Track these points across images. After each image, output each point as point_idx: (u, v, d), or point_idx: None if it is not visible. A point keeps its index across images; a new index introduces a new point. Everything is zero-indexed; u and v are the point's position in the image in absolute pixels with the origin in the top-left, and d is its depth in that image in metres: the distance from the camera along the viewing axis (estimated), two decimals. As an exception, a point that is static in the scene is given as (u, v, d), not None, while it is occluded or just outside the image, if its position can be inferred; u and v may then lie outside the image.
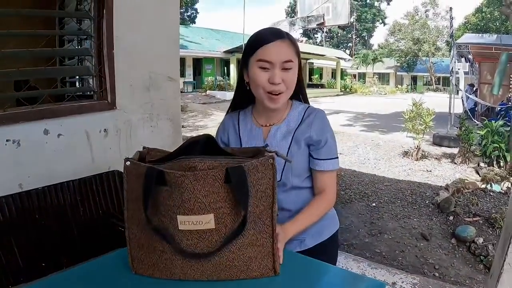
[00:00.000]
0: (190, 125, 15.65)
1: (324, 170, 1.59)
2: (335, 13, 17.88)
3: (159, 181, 1.10)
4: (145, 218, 1.12)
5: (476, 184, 6.90)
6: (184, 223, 1.10)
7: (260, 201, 1.13)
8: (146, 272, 1.20)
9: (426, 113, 9.89)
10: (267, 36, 1.51)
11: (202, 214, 1.09)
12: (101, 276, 1.21)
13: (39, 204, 1.79)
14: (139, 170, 1.12)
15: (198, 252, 1.13)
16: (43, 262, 1.77)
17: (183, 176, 1.07)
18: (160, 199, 1.12)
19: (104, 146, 2.05)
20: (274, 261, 1.17)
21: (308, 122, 1.60)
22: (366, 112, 21.51)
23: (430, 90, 43.65)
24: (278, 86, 1.49)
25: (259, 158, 1.12)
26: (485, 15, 34.70)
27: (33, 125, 1.78)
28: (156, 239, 1.15)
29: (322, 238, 1.72)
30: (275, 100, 1.52)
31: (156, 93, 2.26)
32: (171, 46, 2.36)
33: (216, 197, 1.09)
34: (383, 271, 3.83)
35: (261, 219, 1.15)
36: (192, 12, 49.22)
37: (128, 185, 1.17)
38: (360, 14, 60.69)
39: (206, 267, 1.14)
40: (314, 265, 1.31)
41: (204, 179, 1.08)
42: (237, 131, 1.70)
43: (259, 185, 1.12)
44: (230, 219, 1.11)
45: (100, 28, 2.03)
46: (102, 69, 2.05)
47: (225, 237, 1.12)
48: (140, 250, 1.19)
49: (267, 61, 1.48)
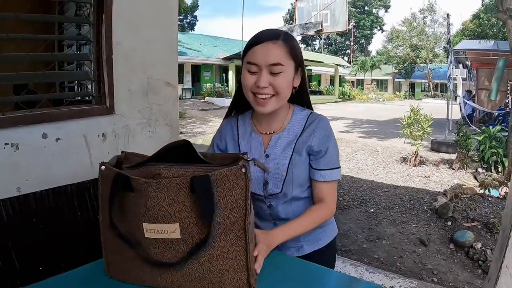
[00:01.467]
0: (188, 131, 15.66)
1: (322, 180, 1.53)
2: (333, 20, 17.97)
3: (126, 187, 1.07)
4: (109, 223, 1.11)
5: (474, 190, 6.92)
6: (149, 231, 1.08)
7: (231, 212, 1.08)
8: (120, 277, 1.19)
9: (424, 119, 9.90)
10: (259, 37, 1.46)
11: (167, 223, 1.06)
12: (99, 280, 1.21)
13: (37, 208, 1.79)
14: (111, 174, 1.10)
15: (166, 261, 1.11)
16: (40, 265, 1.77)
17: (146, 183, 1.05)
18: (127, 205, 1.10)
19: (102, 151, 2.05)
20: (249, 274, 1.12)
21: (310, 131, 1.54)
22: (364, 118, 21.55)
23: (428, 97, 43.75)
24: (264, 89, 1.43)
25: (230, 167, 1.07)
26: (482, 21, 34.75)
27: (31, 128, 1.78)
28: (125, 246, 1.13)
29: (319, 245, 1.69)
30: (262, 104, 1.46)
31: (155, 99, 2.26)
32: (169, 51, 2.37)
33: (182, 207, 1.06)
34: (380, 275, 3.83)
35: (232, 230, 1.10)
36: (192, 19, 49.32)
37: (102, 189, 1.14)
38: (358, 21, 60.90)
39: (176, 276, 1.12)
40: (310, 268, 1.31)
41: (167, 188, 1.05)
42: (235, 138, 1.65)
43: (230, 196, 1.07)
44: (197, 230, 1.08)
45: (99, 33, 2.04)
46: (101, 74, 2.05)
47: (192, 248, 1.08)
48: (114, 255, 1.18)
49: (253, 63, 1.43)
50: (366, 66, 48.27)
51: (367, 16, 62.11)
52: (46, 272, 1.75)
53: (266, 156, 1.57)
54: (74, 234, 1.90)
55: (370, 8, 62.54)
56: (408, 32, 44.42)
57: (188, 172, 1.08)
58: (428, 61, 43.45)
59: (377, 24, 63.19)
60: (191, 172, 1.08)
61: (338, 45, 67.00)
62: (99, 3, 2.02)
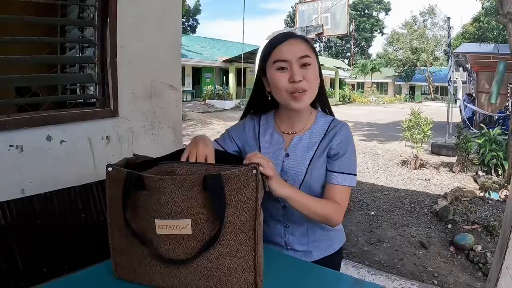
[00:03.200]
0: (189, 133, 15.66)
1: (335, 183, 1.50)
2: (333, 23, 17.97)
3: (139, 185, 1.10)
4: (124, 222, 1.13)
5: (474, 193, 6.92)
6: (161, 227, 1.10)
7: (241, 212, 1.10)
8: (128, 278, 1.20)
9: (424, 122, 9.90)
10: (278, 38, 1.50)
11: (179, 219, 1.09)
12: (102, 282, 1.22)
13: (41, 210, 1.79)
14: (120, 175, 1.12)
15: (176, 258, 1.12)
16: (44, 267, 1.77)
17: (161, 180, 1.08)
18: (139, 204, 1.12)
19: (106, 153, 2.06)
20: (256, 275, 1.14)
21: (331, 134, 1.54)
22: (365, 121, 21.54)
23: (428, 100, 43.78)
24: (299, 84, 1.44)
25: (241, 167, 1.09)
26: (482, 24, 34.85)
27: (36, 131, 1.79)
28: (135, 243, 1.15)
29: (328, 252, 1.68)
30: (299, 99, 1.46)
31: (158, 102, 2.27)
32: (173, 54, 2.38)
33: (194, 203, 1.08)
34: (382, 277, 3.84)
35: (242, 230, 1.11)
36: (193, 22, 49.35)
37: (110, 191, 1.17)
38: (359, 24, 61.04)
39: (184, 274, 1.14)
40: (316, 270, 1.33)
41: (182, 184, 1.07)
42: (256, 135, 1.65)
43: (240, 195, 1.09)
44: (208, 226, 1.10)
45: (104, 37, 2.05)
46: (105, 77, 2.06)
47: (202, 244, 1.10)
48: (122, 255, 1.20)
49: (283, 60, 1.45)
50: (367, 69, 48.32)
51: (367, 19, 62.25)
52: (50, 273, 1.75)
53: (286, 155, 1.57)
54: (77, 236, 1.90)
55: (370, 11, 62.68)
56: (409, 35, 44.47)
57: (200, 170, 1.11)
58: (428, 64, 43.51)
59: (377, 27, 63.34)
60: (203, 170, 1.11)
61: (338, 48, 67.13)
62: (103, 7, 2.03)
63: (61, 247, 1.84)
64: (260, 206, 1.12)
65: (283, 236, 1.63)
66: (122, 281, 1.21)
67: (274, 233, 1.64)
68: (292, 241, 1.63)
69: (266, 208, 1.49)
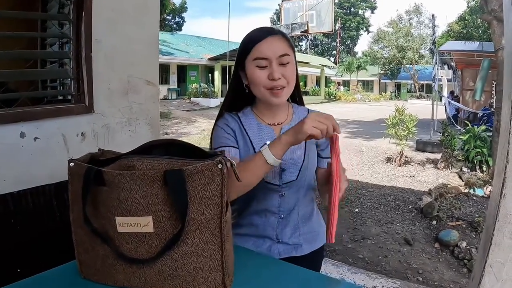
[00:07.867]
0: (173, 131, 15.59)
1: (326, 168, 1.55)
2: (319, 21, 18.05)
3: (98, 181, 1.06)
4: (83, 219, 1.09)
5: (459, 189, 6.98)
6: (122, 225, 1.06)
7: (206, 209, 1.06)
8: (93, 277, 1.17)
9: (409, 119, 9.96)
10: (259, 34, 1.52)
11: (140, 216, 1.05)
12: (67, 281, 1.20)
13: (15, 208, 1.75)
14: (81, 170, 1.09)
15: (139, 258, 1.09)
16: (18, 267, 1.73)
17: (120, 175, 1.04)
18: (100, 200, 1.09)
19: (81, 150, 1.99)
20: (224, 275, 1.09)
21: None
22: (350, 119, 21.64)
23: (414, 97, 44.14)
24: (278, 81, 1.48)
25: (205, 162, 1.04)
26: (467, 22, 35.17)
27: (9, 127, 1.74)
28: (98, 242, 1.11)
29: (314, 247, 1.72)
30: (278, 95, 1.51)
31: (135, 97, 2.23)
32: (150, 50, 2.34)
33: (155, 199, 1.04)
34: (362, 275, 3.84)
35: (208, 228, 1.07)
36: (179, 20, 49.10)
37: (72, 186, 1.13)
38: (345, 22, 61.32)
39: (148, 274, 1.10)
40: (288, 270, 1.30)
41: (141, 179, 1.03)
42: (243, 132, 1.63)
43: (205, 191, 1.05)
44: (170, 224, 1.06)
45: (78, 31, 2.00)
46: (80, 72, 2.01)
47: (165, 243, 1.07)
48: (86, 254, 1.16)
49: (263, 58, 1.48)
50: (352, 67, 48.55)
51: (353, 17, 62.57)
52: (24, 273, 1.71)
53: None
54: (52, 235, 1.86)
55: (356, 10, 63.04)
56: (394, 33, 44.77)
57: (161, 165, 1.07)
58: (414, 62, 43.86)
59: (363, 25, 63.67)
60: (164, 165, 1.06)
61: (324, 46, 67.38)
62: (79, 1, 1.99)
63: (35, 246, 1.80)
64: (227, 202, 1.10)
65: (275, 229, 1.64)
66: (87, 281, 1.18)
67: (266, 225, 1.64)
68: (284, 234, 1.65)
69: (261, 200, 1.61)
